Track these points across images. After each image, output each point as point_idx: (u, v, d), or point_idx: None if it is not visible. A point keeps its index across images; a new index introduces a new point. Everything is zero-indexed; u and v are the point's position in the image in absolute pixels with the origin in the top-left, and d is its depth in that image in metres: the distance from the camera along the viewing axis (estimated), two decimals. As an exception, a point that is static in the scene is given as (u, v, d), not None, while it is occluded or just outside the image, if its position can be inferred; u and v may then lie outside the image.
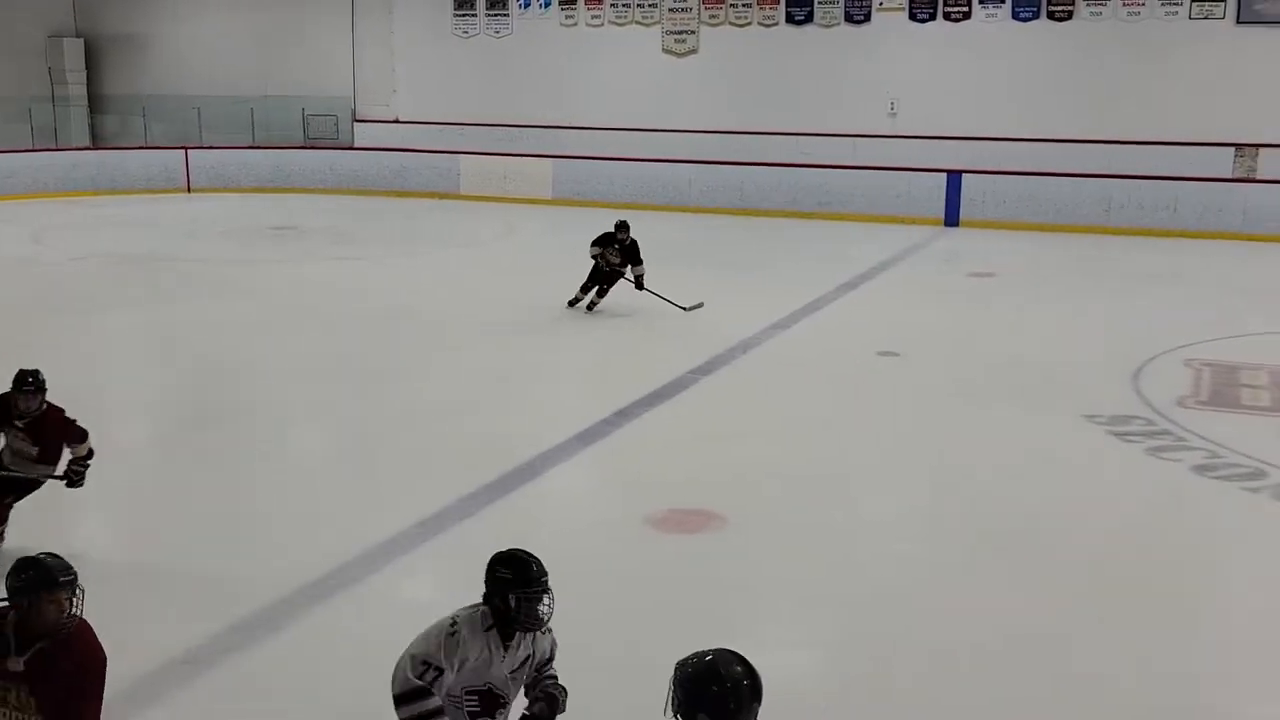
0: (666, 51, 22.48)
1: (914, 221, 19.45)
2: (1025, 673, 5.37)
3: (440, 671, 3.68)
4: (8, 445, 6.32)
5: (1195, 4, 18.71)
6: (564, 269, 13.07)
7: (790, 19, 21.30)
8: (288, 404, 9.68)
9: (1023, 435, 8.78)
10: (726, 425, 9.00)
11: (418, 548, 6.63)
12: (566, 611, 5.92)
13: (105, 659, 3.53)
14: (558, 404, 9.59)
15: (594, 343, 11.61)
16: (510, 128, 23.23)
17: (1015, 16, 19.81)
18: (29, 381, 6.18)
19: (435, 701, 3.67)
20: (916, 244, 17.73)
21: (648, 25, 22.51)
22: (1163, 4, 18.91)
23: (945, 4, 20.17)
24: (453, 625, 3.74)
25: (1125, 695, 5.19)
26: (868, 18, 20.73)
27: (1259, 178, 18.46)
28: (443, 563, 6.50)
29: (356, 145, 24.32)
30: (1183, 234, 17.97)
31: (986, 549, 6.71)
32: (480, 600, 3.82)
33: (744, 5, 21.62)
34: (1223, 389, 9.94)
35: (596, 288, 12.78)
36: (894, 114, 20.65)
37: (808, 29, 21.17)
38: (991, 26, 19.96)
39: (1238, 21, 18.49)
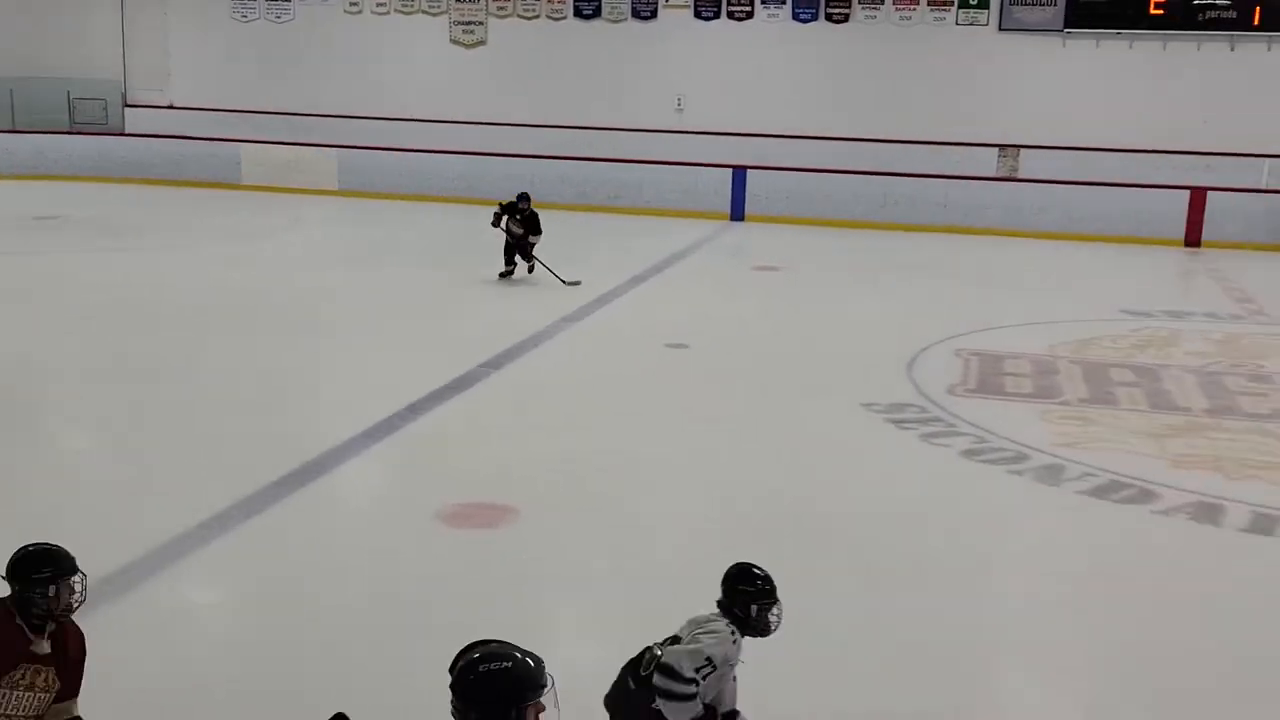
0: (454, 42, 22.27)
1: (701, 216, 19.83)
2: (804, 650, 5.55)
3: (712, 671, 3.86)
4: None
5: (961, 11, 19.72)
6: (351, 262, 12.79)
7: (578, 13, 21.40)
8: (56, 404, 9.16)
9: (805, 423, 9.07)
10: (518, 418, 8.99)
11: (199, 549, 6.38)
12: (359, 610, 5.84)
13: None
14: (346, 399, 9.38)
15: (383, 337, 11.41)
16: (294, 116, 22.57)
17: (795, 18, 20.44)
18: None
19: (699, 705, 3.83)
20: (703, 238, 18.09)
21: (434, 15, 22.24)
22: (931, 10, 19.86)
23: (729, 3, 20.65)
24: (732, 631, 3.96)
25: (904, 668, 5.43)
26: (654, 14, 21.02)
27: (1020, 177, 19.59)
28: (225, 565, 6.27)
29: (128, 132, 23.17)
30: (952, 229, 18.90)
31: (772, 534, 6.91)
32: (714, 612, 4.08)
33: (532, -2, 21.63)
34: (989, 377, 10.50)
35: (518, 259, 13.84)
36: (681, 110, 21.02)
37: (595, 23, 21.33)
38: (773, 27, 20.54)
39: (1000, 29, 19.58)
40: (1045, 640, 5.87)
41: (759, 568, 4.19)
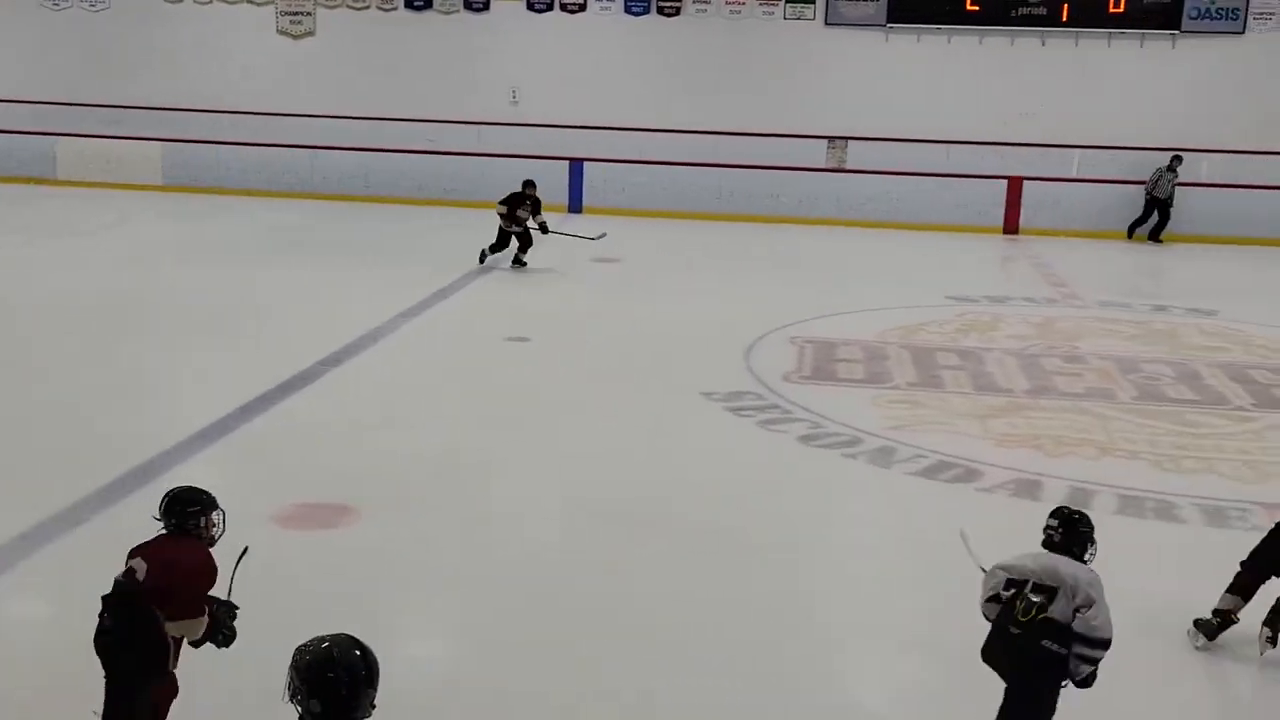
0: (282, 33, 21.72)
1: (539, 209, 19.78)
2: (648, 632, 5.64)
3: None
4: None
5: (789, 5, 20.14)
6: (180, 259, 12.39)
7: (409, 4, 21.12)
8: None
9: (647, 413, 9.18)
10: (357, 416, 8.85)
11: (23, 559, 6.11)
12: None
13: None
14: (176, 401, 9.09)
15: (215, 336, 11.09)
16: (115, 109, 21.66)
17: (628, 11, 20.56)
18: None
19: None
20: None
21: (260, 4, 21.64)
22: (760, 4, 20.22)
23: (562, -4, 20.66)
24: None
25: (742, 647, 5.56)
26: (487, 6, 20.89)
27: (849, 168, 20.12)
28: (50, 576, 6.03)
29: (-71, 124, 21.93)
30: (785, 220, 19.30)
31: (615, 524, 6.98)
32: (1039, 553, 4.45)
33: (361, -12, 21.25)
34: (823, 364, 10.79)
35: (517, 246, 14.32)
36: (516, 102, 20.95)
37: (427, 15, 21.07)
38: (606, 19, 20.63)
39: (826, 23, 20.06)
40: (880, 615, 6.08)
41: (1077, 510, 4.71)
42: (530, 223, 14.52)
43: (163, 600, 4.06)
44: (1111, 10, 19.25)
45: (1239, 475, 8.08)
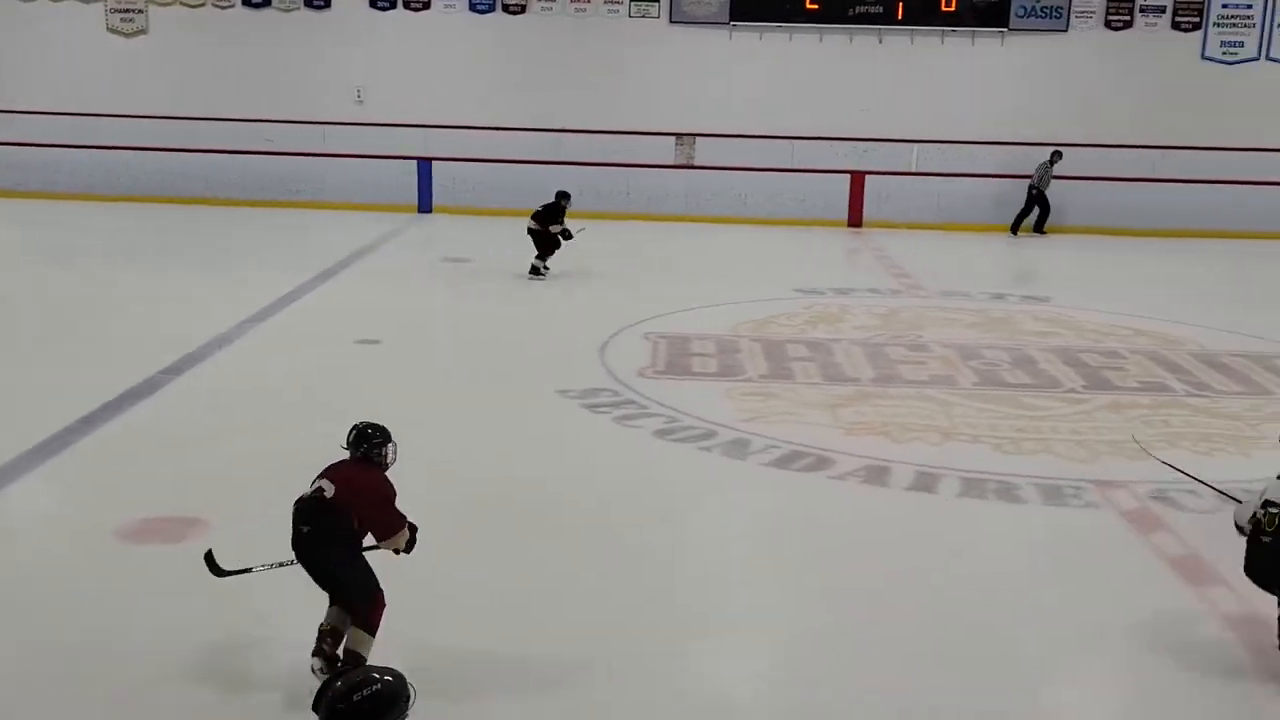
0: (112, 31, 20.95)
1: (387, 209, 19.55)
2: (522, 632, 5.63)
3: None
4: None
5: (634, 3, 20.27)
6: (9, 267, 11.85)
7: (247, 1, 20.59)
8: None
9: (503, 412, 9.14)
10: (204, 425, 8.60)
11: None
12: (39, 642, 5.45)
13: None
14: (14, 413, 8.69)
15: (52, 346, 10.64)
16: (-73, 110, 20.63)
17: (473, 8, 20.43)
18: None
19: None
20: (391, 231, 17.84)
21: (88, 1, 20.83)
22: (605, 2, 20.30)
23: (406, -8, 20.40)
24: None
25: (613, 640, 5.59)
26: (328, 3, 20.51)
27: (697, 164, 20.36)
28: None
29: None
30: (635, 217, 19.44)
31: (476, 524, 6.94)
32: None
33: (196, -15, 20.61)
34: (677, 358, 10.90)
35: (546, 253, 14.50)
36: (361, 101, 20.61)
37: (266, 12, 20.58)
38: (451, 17, 20.45)
39: (671, 21, 20.25)
40: (740, 602, 6.18)
41: None
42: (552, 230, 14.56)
43: (352, 512, 5.11)
44: (944, 9, 19.89)
45: (1073, 455, 8.45)
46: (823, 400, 9.63)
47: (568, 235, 14.51)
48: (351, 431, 5.40)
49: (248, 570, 5.24)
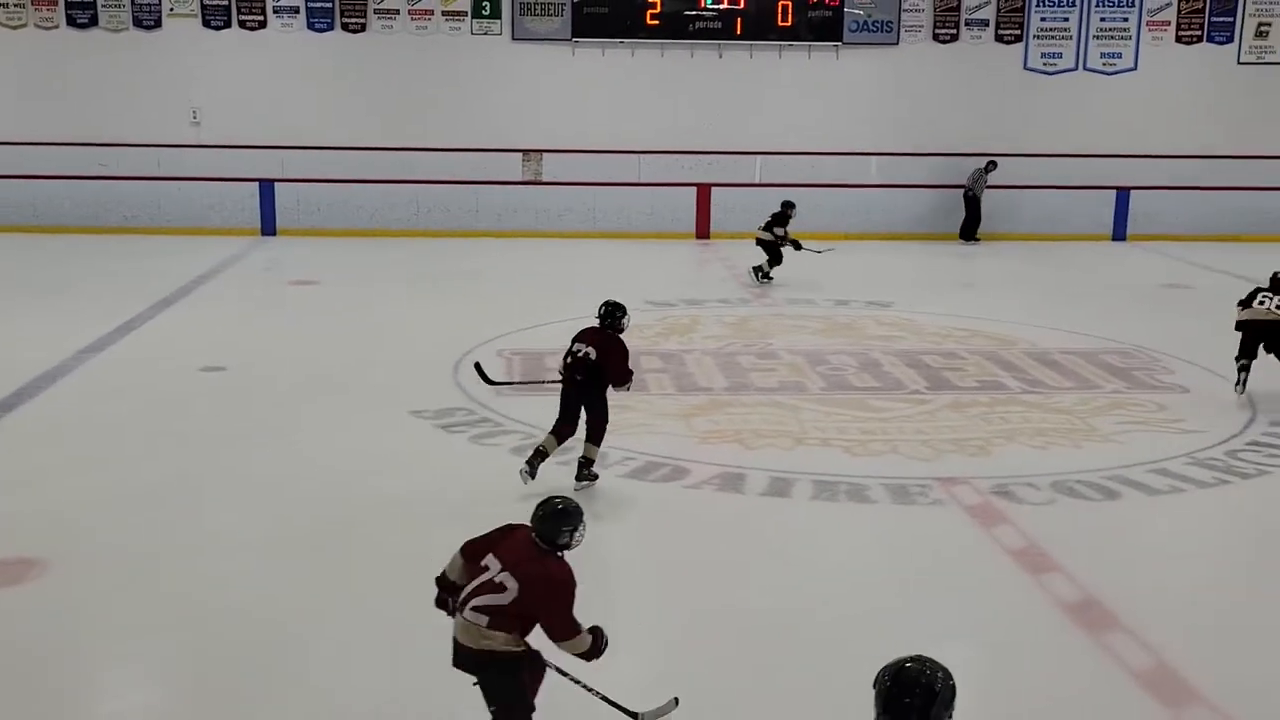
0: (-75, 53, 19.96)
1: (230, 233, 19.08)
2: (382, 656, 5.57)
3: None
4: None
5: (475, 21, 20.20)
6: None
7: (72, 21, 19.84)
8: None
9: (356, 436, 9.02)
10: (38, 462, 8.28)
11: None
12: None
13: None
14: None
15: None
16: None
17: (311, 27, 20.07)
18: None
19: None
20: (234, 255, 17.42)
21: (-100, 23, 19.83)
22: (447, 20, 20.19)
23: (240, 12, 19.93)
24: None
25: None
26: (158, 23, 19.90)
27: (545, 180, 20.40)
28: None
29: None
30: (485, 234, 19.38)
31: (329, 551, 6.83)
32: None
33: (16, 5, 19.76)
34: (531, 374, 10.90)
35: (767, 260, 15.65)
36: (197, 123, 20.06)
37: (93, 33, 19.86)
38: (288, 36, 20.06)
39: (513, 38, 20.24)
40: (601, 619, 6.22)
41: None
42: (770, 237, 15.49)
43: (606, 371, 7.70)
44: (780, 24, 20.34)
45: (918, 454, 8.73)
46: (677, 410, 9.75)
47: (797, 246, 15.19)
48: (602, 307, 7.83)
49: (510, 384, 8.35)
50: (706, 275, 17.28)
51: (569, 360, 7.77)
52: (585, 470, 7.92)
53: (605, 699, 4.59)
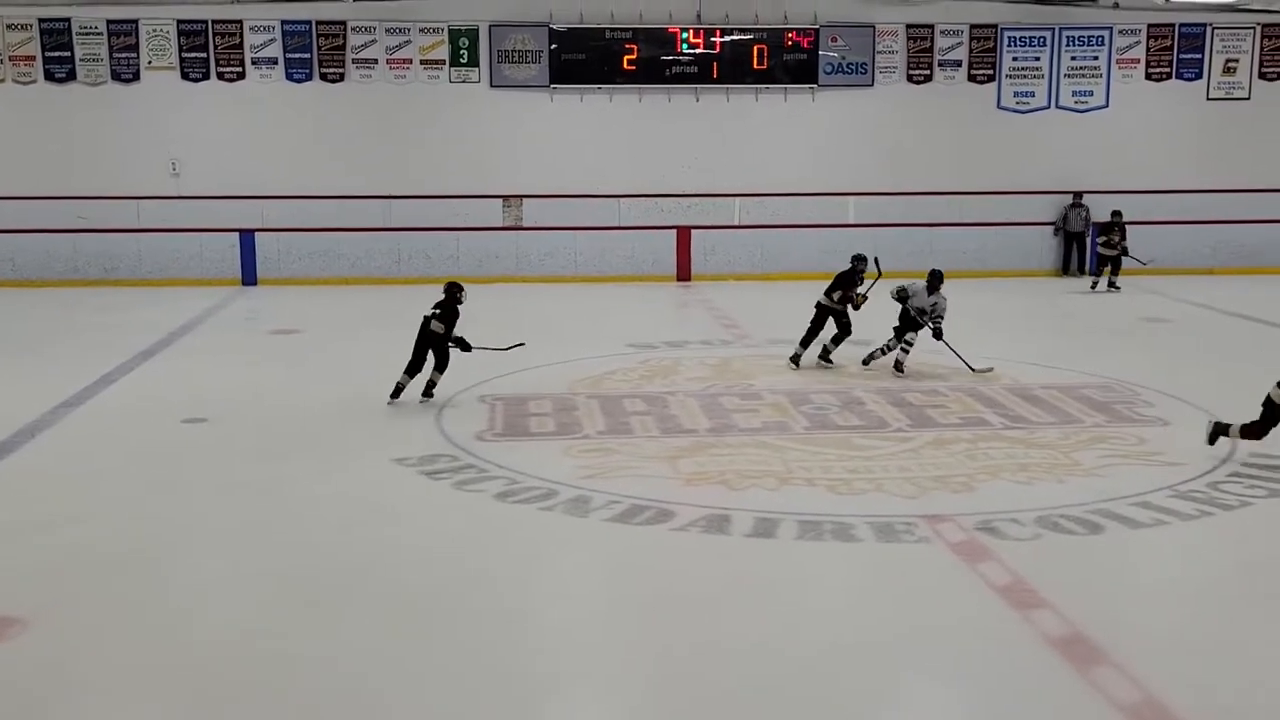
0: (-97, 109, 19.99)
1: (211, 283, 19.10)
2: (374, 709, 5.52)
3: None
4: None
5: (454, 69, 20.35)
6: None
7: (50, 76, 19.92)
8: None
9: (340, 485, 8.98)
10: (19, 517, 8.21)
11: None
12: None
13: None
14: None
15: None
16: None
17: (290, 78, 20.18)
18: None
19: None
20: (215, 306, 17.41)
21: (-121, 80, 19.87)
22: (425, 69, 20.33)
23: (218, 64, 20.03)
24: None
25: (469, 708, 5.53)
26: (137, 76, 19.98)
27: (525, 225, 20.49)
28: None
29: None
30: (466, 280, 19.26)
31: (319, 600, 6.79)
32: None
33: (-6, 60, 19.85)
34: (514, 420, 10.89)
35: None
36: (177, 174, 20.11)
37: (71, 87, 19.93)
38: (267, 87, 20.16)
39: (491, 85, 20.39)
40: (592, 660, 6.19)
41: None
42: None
43: None
44: (756, 67, 20.56)
45: (903, 492, 8.74)
46: (661, 453, 9.75)
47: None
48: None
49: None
50: (688, 317, 17.34)
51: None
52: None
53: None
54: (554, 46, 20.23)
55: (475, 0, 20.10)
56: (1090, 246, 20.47)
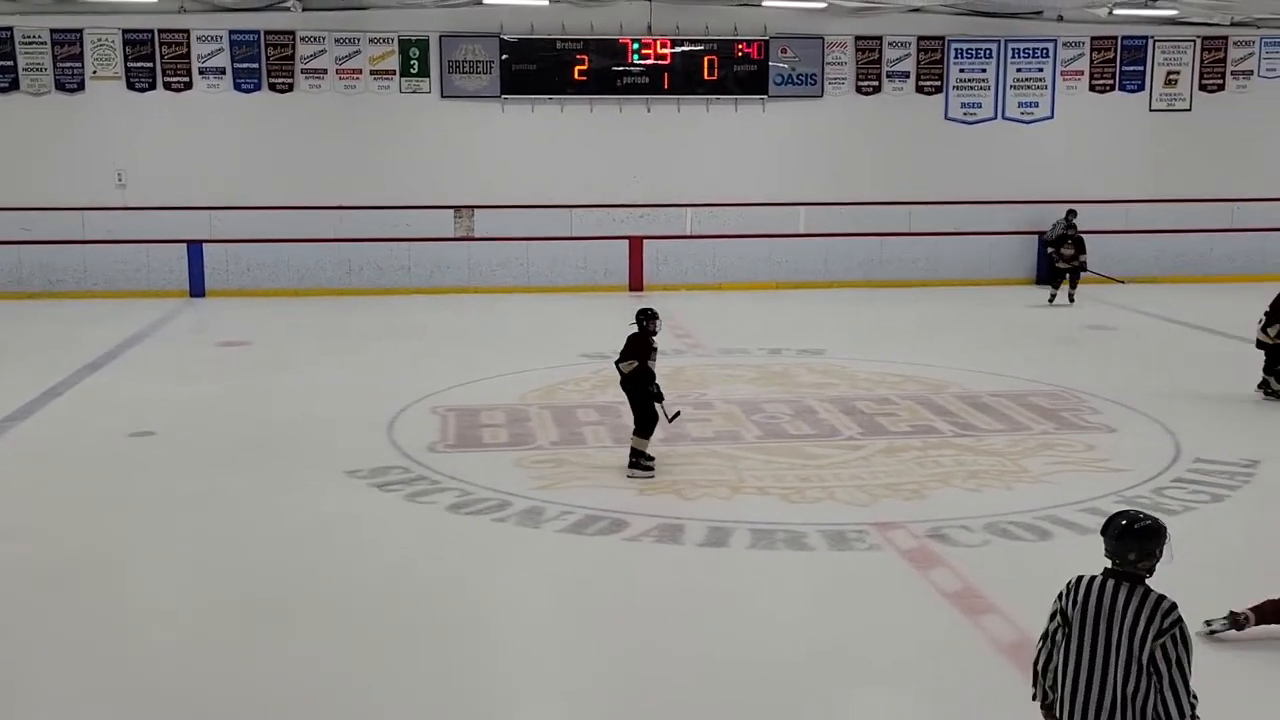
0: None
1: (158, 295, 18.86)
2: (316, 731, 5.49)
3: None
4: None
5: (405, 79, 20.26)
6: None
7: (-8, 85, 19.62)
8: None
9: (291, 497, 8.91)
10: (-37, 535, 8.07)
11: None
12: None
13: None
14: None
15: None
16: None
17: (238, 88, 20.01)
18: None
19: None
20: (163, 318, 17.21)
21: None
22: (375, 79, 20.24)
23: (165, 74, 19.83)
24: None
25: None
26: (81, 86, 19.73)
27: (477, 235, 20.43)
28: None
29: None
30: (418, 291, 19.34)
31: (273, 616, 6.73)
32: None
33: (-65, 70, 19.52)
34: (467, 431, 10.86)
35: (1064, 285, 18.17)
36: (123, 185, 19.87)
37: (14, 96, 19.64)
38: (215, 97, 19.98)
39: (442, 96, 20.33)
40: (546, 670, 6.19)
41: None
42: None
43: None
44: (707, 78, 20.65)
45: (854, 500, 8.81)
46: (614, 462, 9.75)
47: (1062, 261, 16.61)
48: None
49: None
50: (640, 327, 17.34)
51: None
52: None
53: None
54: (505, 57, 20.21)
55: (426, 11, 20.04)
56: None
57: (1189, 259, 21.17)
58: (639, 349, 9.29)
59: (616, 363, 9.39)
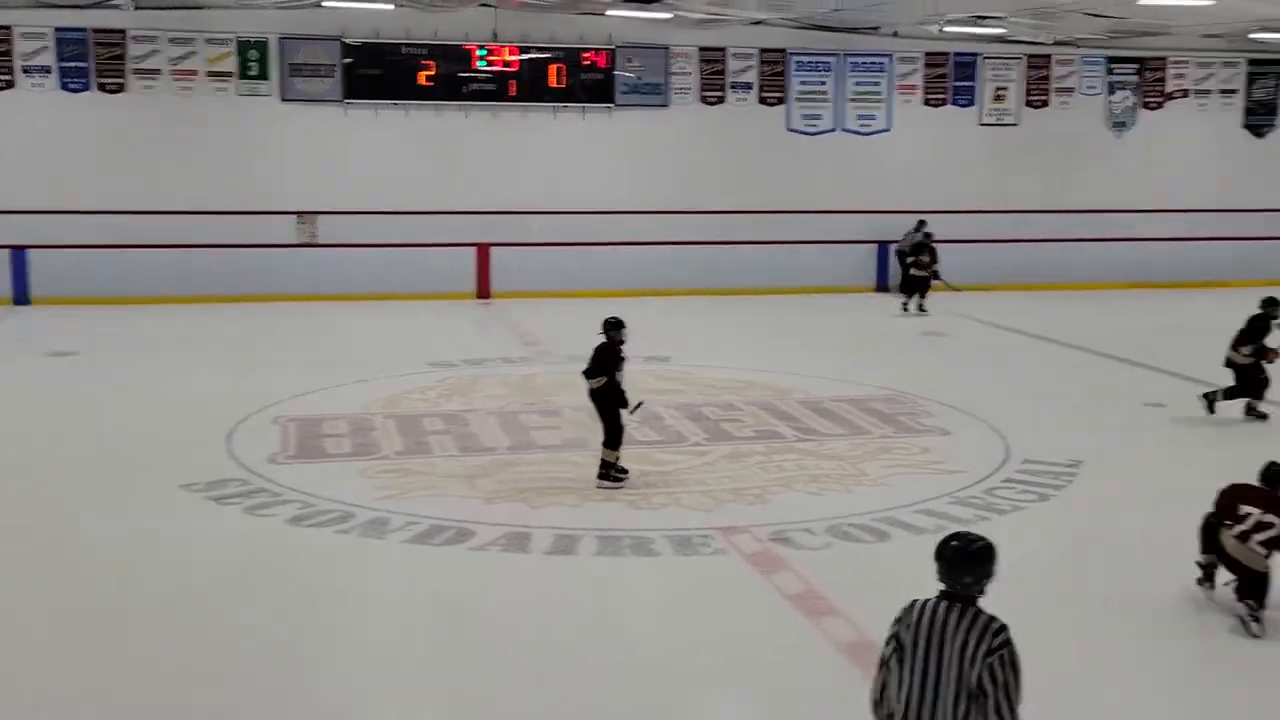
0: None
1: (-23, 303, 17.96)
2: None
3: None
4: None
5: (242, 81, 19.72)
6: None
7: None
8: None
9: (124, 514, 8.61)
10: None
11: None
12: None
13: None
14: None
15: None
16: None
17: (65, 88, 19.18)
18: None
19: None
20: (-18, 327, 16.40)
21: None
22: (211, 80, 19.64)
23: (-15, 72, 18.90)
24: None
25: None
26: (-106, 82, 18.65)
27: (320, 242, 20.00)
28: None
29: None
30: (258, 298, 18.78)
31: (108, 638, 6.48)
32: None
33: None
34: (308, 441, 10.63)
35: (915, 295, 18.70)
36: (-61, 187, 18.83)
37: None
38: (40, 96, 19.10)
39: (283, 99, 19.86)
40: (392, 681, 6.09)
41: None
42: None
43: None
44: (553, 85, 20.65)
45: (700, 505, 8.92)
46: (461, 471, 9.68)
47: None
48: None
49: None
50: (488, 335, 17.26)
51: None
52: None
53: None
54: (348, 61, 19.84)
55: (265, 12, 19.54)
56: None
57: (1022, 268, 22.04)
58: (607, 361, 9.19)
59: (585, 374, 9.26)
